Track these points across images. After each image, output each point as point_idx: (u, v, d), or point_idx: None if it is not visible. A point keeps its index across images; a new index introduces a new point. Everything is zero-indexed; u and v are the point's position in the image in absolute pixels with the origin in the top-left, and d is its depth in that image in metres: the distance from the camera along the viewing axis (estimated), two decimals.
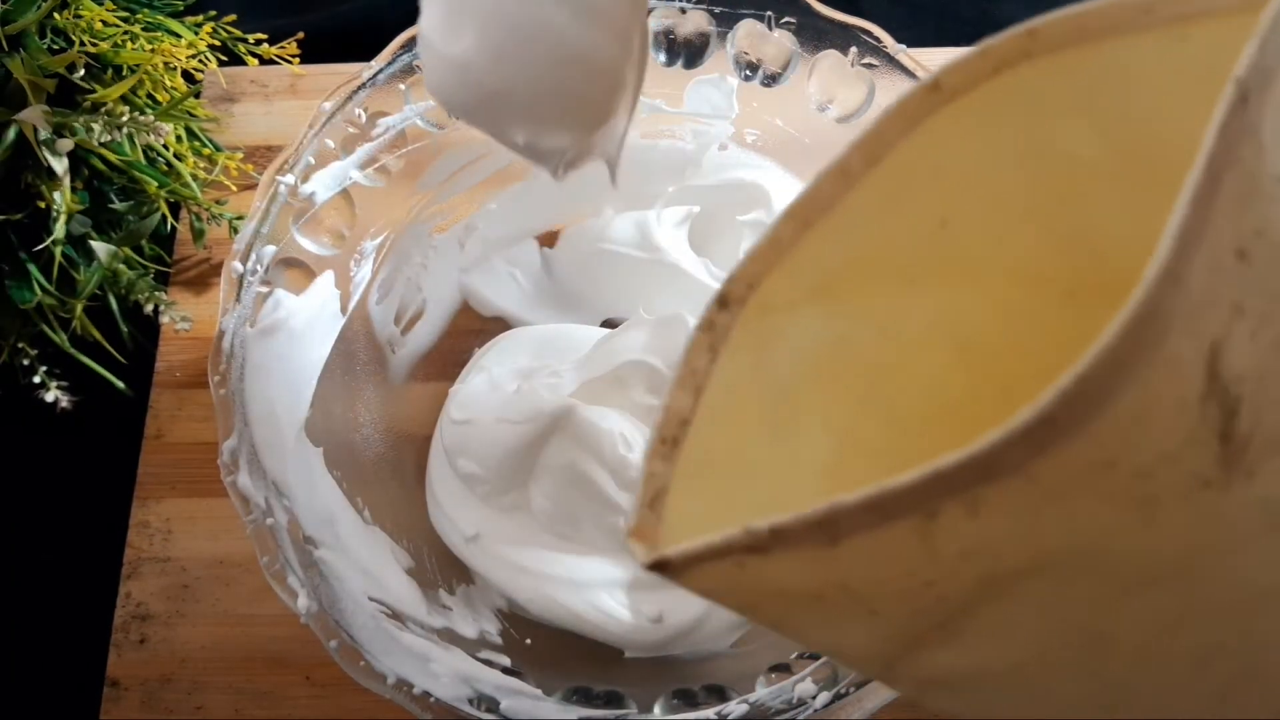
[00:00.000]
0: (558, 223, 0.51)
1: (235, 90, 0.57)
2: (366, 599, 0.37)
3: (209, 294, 0.52)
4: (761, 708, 0.36)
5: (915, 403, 0.27)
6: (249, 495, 0.37)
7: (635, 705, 0.38)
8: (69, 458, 0.50)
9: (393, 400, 0.47)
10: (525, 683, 0.38)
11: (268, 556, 0.36)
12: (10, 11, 0.45)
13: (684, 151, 0.49)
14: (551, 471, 0.43)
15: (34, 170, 0.45)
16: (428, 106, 0.45)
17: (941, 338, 0.27)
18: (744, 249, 0.47)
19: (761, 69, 0.46)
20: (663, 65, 0.46)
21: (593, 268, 0.49)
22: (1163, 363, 0.15)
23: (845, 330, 0.26)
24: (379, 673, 0.34)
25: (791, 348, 0.25)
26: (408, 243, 0.47)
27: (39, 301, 0.47)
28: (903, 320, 0.27)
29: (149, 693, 0.44)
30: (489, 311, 0.50)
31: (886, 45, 0.44)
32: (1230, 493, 0.17)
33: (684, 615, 0.41)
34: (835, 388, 0.26)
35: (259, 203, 0.41)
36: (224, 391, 0.38)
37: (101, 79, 0.48)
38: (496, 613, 0.43)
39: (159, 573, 0.46)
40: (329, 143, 0.43)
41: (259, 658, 0.44)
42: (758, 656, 0.40)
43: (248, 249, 0.40)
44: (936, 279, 0.26)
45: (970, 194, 0.25)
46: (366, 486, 0.43)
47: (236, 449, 0.37)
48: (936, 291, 0.27)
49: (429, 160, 0.46)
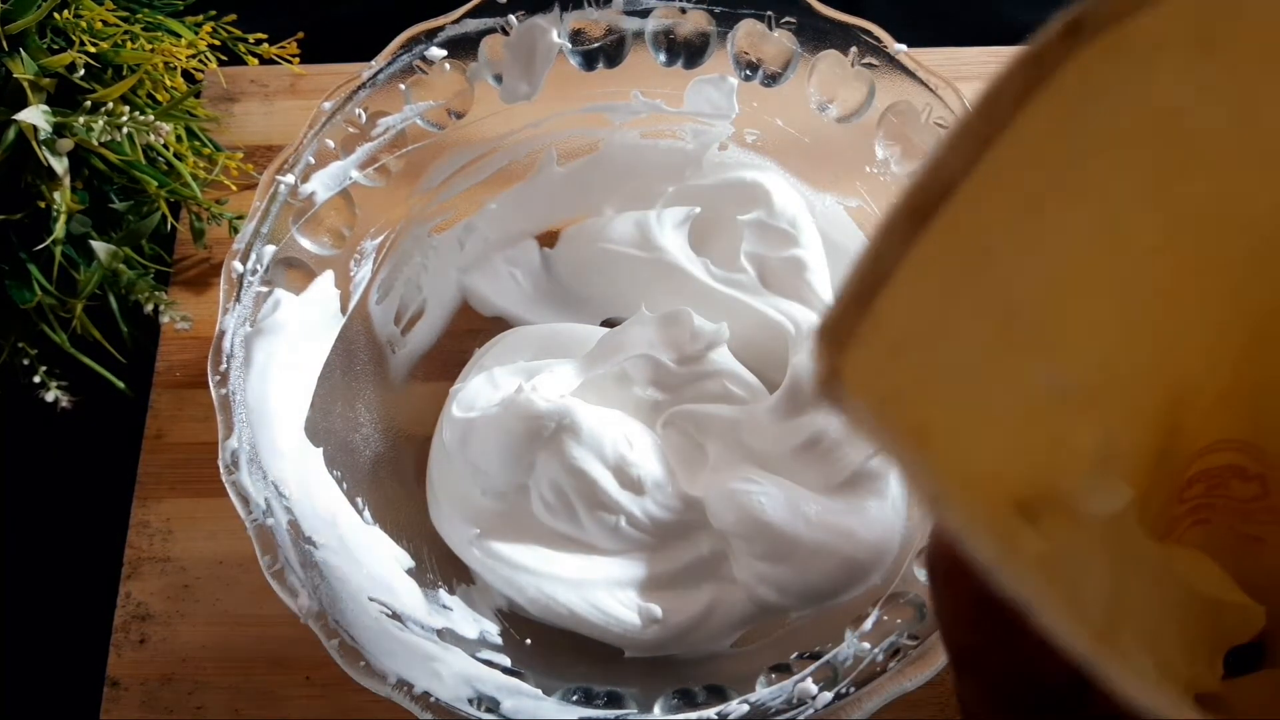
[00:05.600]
0: (558, 223, 0.51)
1: (235, 90, 0.57)
2: (367, 599, 0.37)
3: (209, 294, 0.52)
4: (761, 708, 0.36)
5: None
6: (249, 495, 0.37)
7: (635, 705, 0.38)
8: (69, 458, 0.50)
9: (393, 400, 0.47)
10: (525, 683, 0.38)
11: (268, 556, 0.36)
12: (10, 11, 0.45)
13: (684, 151, 0.49)
14: (551, 471, 0.43)
15: (34, 170, 0.45)
16: (428, 106, 0.45)
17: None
18: (744, 250, 0.48)
19: (761, 69, 0.46)
20: (663, 65, 0.46)
21: (593, 268, 0.49)
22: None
23: (1193, 110, 0.21)
24: (379, 673, 0.34)
25: (1111, 110, 0.19)
26: (408, 243, 0.47)
27: (39, 301, 0.47)
28: (1251, 151, 0.22)
29: (149, 693, 0.44)
30: (489, 311, 0.50)
31: (886, 45, 0.44)
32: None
33: (684, 615, 0.41)
34: (1129, 175, 0.21)
35: (259, 202, 0.41)
36: (224, 391, 0.38)
37: (102, 79, 0.48)
38: (496, 613, 0.43)
39: (159, 573, 0.46)
40: (329, 143, 0.43)
41: (259, 658, 0.44)
42: (758, 656, 0.40)
43: (248, 249, 0.40)
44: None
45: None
46: (366, 486, 0.43)
47: (236, 449, 0.37)
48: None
49: (429, 160, 0.46)
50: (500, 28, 0.44)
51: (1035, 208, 0.20)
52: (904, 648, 0.35)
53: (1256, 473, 0.30)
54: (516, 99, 0.46)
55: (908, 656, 0.35)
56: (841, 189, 0.48)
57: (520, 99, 0.46)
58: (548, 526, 0.43)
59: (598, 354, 0.45)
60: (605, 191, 0.50)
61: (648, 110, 0.48)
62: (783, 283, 0.48)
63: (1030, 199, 0.20)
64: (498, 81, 0.46)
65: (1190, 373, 0.28)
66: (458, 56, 0.45)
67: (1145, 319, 0.25)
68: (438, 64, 0.44)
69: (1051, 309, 0.22)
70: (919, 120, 0.43)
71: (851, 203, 0.48)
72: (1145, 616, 0.26)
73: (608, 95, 0.47)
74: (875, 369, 0.18)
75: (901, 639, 0.36)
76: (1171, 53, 0.19)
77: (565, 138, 0.49)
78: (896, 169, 0.45)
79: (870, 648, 0.36)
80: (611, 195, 0.50)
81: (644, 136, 0.49)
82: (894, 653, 0.35)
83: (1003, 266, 0.21)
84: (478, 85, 0.45)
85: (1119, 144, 0.21)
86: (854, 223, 0.48)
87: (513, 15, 0.44)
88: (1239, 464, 0.30)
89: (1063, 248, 0.22)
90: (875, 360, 0.18)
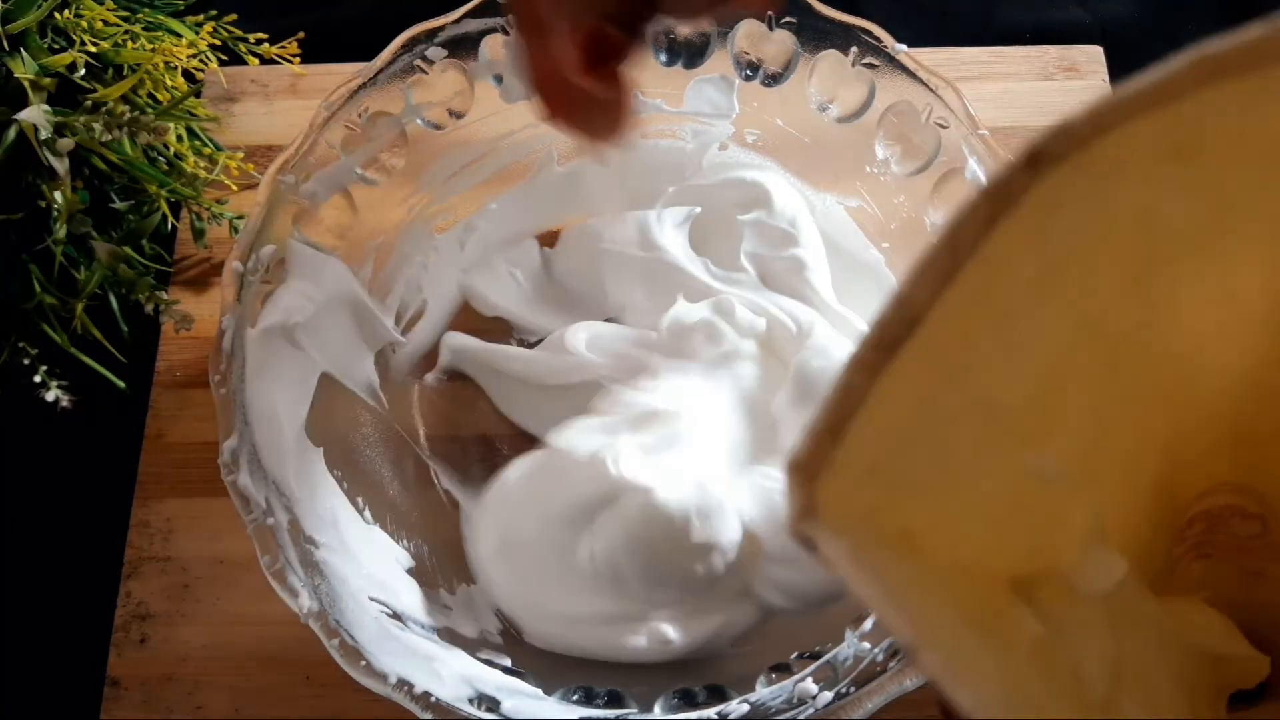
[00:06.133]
0: (558, 223, 0.51)
1: (236, 90, 0.57)
2: (367, 599, 0.37)
3: (209, 294, 0.52)
4: (761, 708, 0.36)
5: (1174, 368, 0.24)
6: (249, 495, 0.37)
7: (635, 705, 0.38)
8: (69, 458, 0.50)
9: (393, 400, 0.47)
10: (525, 683, 0.38)
11: (268, 556, 0.36)
12: (11, 11, 0.45)
13: (684, 151, 0.49)
14: (609, 536, 0.40)
15: (34, 170, 0.45)
16: (429, 106, 0.45)
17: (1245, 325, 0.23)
18: (744, 249, 0.48)
19: (762, 69, 0.46)
20: (663, 65, 0.46)
21: (593, 268, 0.49)
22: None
23: (1167, 209, 0.21)
24: (379, 672, 0.34)
25: (1077, 221, 0.20)
26: (408, 242, 0.47)
27: (39, 301, 0.47)
28: (1233, 234, 0.22)
29: (149, 692, 0.44)
30: (489, 311, 0.50)
31: (886, 45, 0.44)
32: None
33: (693, 635, 0.40)
34: (1105, 274, 0.21)
35: (260, 202, 0.41)
36: (224, 391, 0.38)
37: (102, 78, 0.48)
38: (496, 613, 0.42)
39: (159, 572, 0.46)
40: (329, 143, 0.43)
41: (259, 657, 0.44)
42: (758, 656, 0.40)
43: (248, 248, 0.40)
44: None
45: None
46: (366, 486, 0.43)
47: (237, 449, 0.37)
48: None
49: (429, 160, 0.46)
50: (500, 28, 0.45)
51: (1011, 318, 0.21)
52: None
53: (1256, 512, 0.30)
54: (517, 99, 0.46)
55: (908, 656, 0.35)
56: (841, 189, 0.48)
57: (520, 99, 0.46)
58: (590, 579, 0.41)
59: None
60: (605, 191, 0.50)
61: (648, 110, 0.48)
62: (783, 282, 0.48)
63: (1005, 312, 0.20)
64: (498, 81, 0.46)
65: (1182, 432, 0.28)
66: (458, 56, 0.45)
67: (1133, 391, 0.25)
68: (438, 64, 0.44)
69: (1034, 400, 0.22)
70: (919, 120, 0.43)
71: (851, 203, 0.48)
72: (1146, 676, 0.26)
73: None
74: (853, 491, 0.19)
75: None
76: (1138, 167, 0.20)
77: (565, 138, 0.49)
78: (896, 169, 0.45)
79: (870, 647, 0.36)
80: (611, 195, 0.50)
81: (644, 137, 0.49)
82: (894, 652, 0.35)
83: (980, 375, 0.21)
84: (478, 85, 0.45)
85: (1090, 249, 0.21)
86: (854, 223, 0.48)
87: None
88: (1238, 504, 0.31)
89: (1042, 349, 0.22)
90: (853, 483, 0.19)
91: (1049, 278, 0.21)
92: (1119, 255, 0.22)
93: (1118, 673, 0.24)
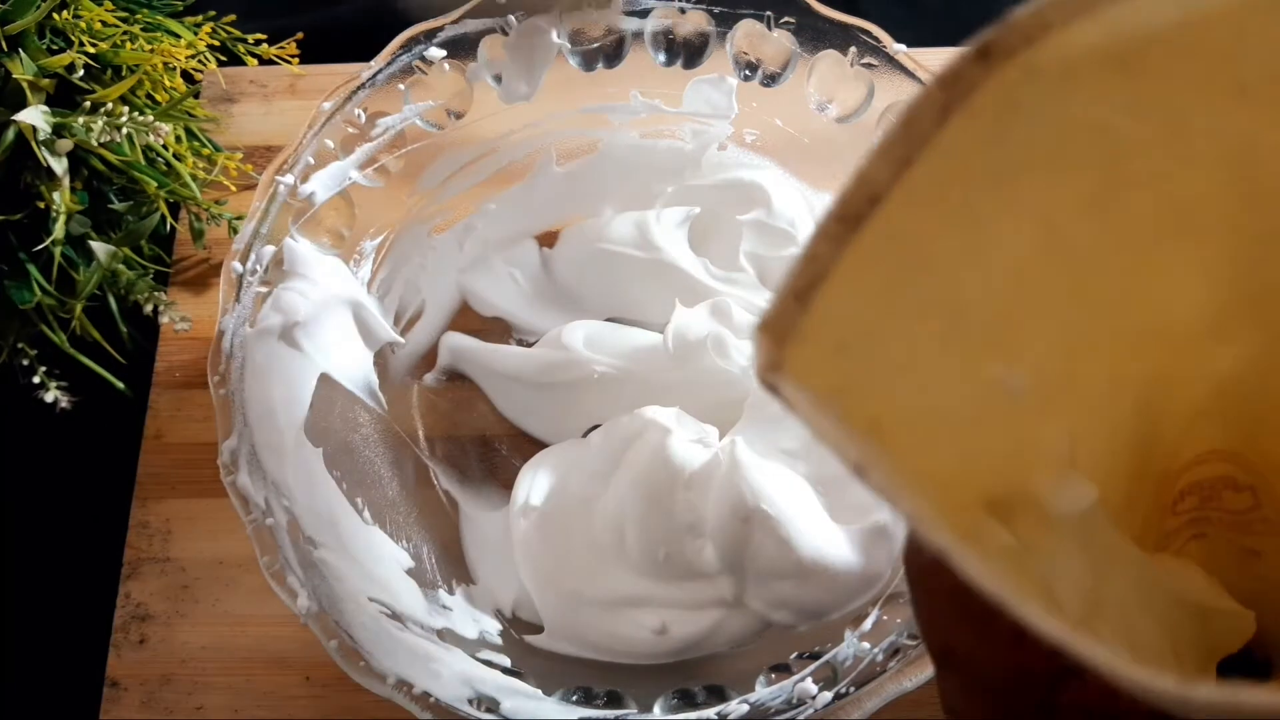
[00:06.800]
0: (557, 223, 0.51)
1: (235, 90, 0.57)
2: (366, 599, 0.37)
3: (209, 294, 0.52)
4: (761, 708, 0.36)
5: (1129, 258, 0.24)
6: (249, 495, 0.37)
7: (635, 705, 0.38)
8: (69, 458, 0.50)
9: (392, 400, 0.47)
10: (525, 683, 0.38)
11: (268, 556, 0.36)
12: (10, 12, 0.45)
13: (684, 151, 0.49)
14: (622, 480, 0.41)
15: (34, 170, 0.45)
16: (427, 106, 0.45)
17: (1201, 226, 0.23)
18: (743, 249, 0.48)
19: (761, 69, 0.46)
20: (662, 65, 0.46)
21: (592, 268, 0.49)
22: None
23: (1119, 125, 0.21)
24: (379, 673, 0.34)
25: (1033, 128, 0.21)
26: (407, 243, 0.47)
27: (38, 301, 0.47)
28: (1188, 160, 0.22)
29: (149, 693, 0.44)
30: (488, 311, 0.50)
31: (886, 45, 0.44)
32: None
33: (688, 629, 0.40)
34: (1064, 188, 0.22)
35: (258, 203, 0.41)
36: (224, 391, 0.38)
37: (101, 79, 0.48)
38: (496, 613, 0.42)
39: (159, 573, 0.46)
40: (328, 143, 0.43)
41: (258, 658, 0.44)
42: (758, 656, 0.40)
43: (247, 249, 0.41)
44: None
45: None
46: (366, 486, 0.43)
47: (236, 449, 0.37)
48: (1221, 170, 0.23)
49: (429, 160, 0.46)
50: (500, 28, 0.45)
51: (970, 220, 0.21)
52: (904, 647, 0.35)
53: (1247, 483, 0.30)
54: (516, 99, 0.46)
55: (907, 656, 0.35)
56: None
57: (519, 99, 0.46)
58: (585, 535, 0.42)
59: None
60: (605, 191, 0.50)
61: (647, 110, 0.48)
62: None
63: (963, 211, 0.21)
64: (497, 82, 0.46)
65: (1162, 384, 0.28)
66: (457, 57, 0.45)
67: (1101, 324, 0.25)
68: (437, 64, 0.44)
69: (1000, 312, 0.23)
70: None
71: None
72: (1127, 616, 0.26)
73: (607, 95, 0.47)
74: (822, 365, 0.19)
75: (901, 639, 0.36)
76: (1086, 75, 0.20)
77: (564, 138, 0.49)
78: None
79: (870, 648, 0.36)
80: (611, 195, 0.50)
81: (643, 137, 0.49)
82: (894, 652, 0.35)
83: (945, 272, 0.21)
84: (477, 85, 0.45)
85: (1048, 160, 0.22)
86: None
87: (512, 15, 0.45)
88: (1229, 475, 0.30)
89: (1005, 257, 0.22)
90: (821, 356, 0.19)
91: (1009, 184, 0.21)
92: (1077, 172, 0.22)
93: (1096, 602, 0.24)
